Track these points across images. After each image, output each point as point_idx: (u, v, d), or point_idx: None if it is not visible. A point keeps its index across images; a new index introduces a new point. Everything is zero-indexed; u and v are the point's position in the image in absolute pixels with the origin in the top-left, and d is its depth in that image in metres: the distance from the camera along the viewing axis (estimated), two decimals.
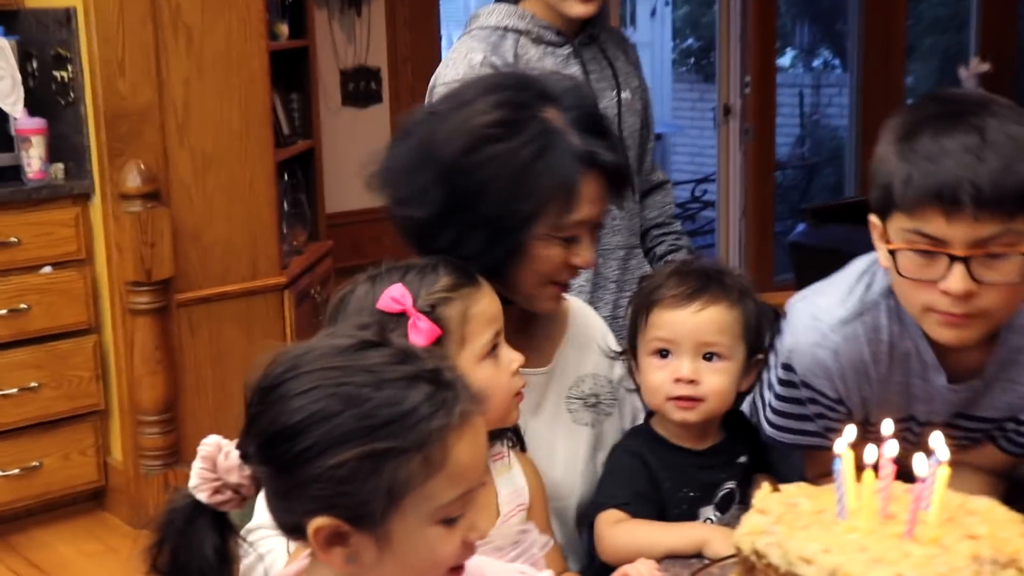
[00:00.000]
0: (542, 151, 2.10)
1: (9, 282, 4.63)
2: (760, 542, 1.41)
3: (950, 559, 1.35)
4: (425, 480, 1.40)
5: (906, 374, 2.04)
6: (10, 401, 4.65)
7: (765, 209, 7.77)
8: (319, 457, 1.39)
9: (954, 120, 1.82)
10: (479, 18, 3.00)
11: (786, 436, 2.14)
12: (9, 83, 4.69)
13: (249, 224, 4.98)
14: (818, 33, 9.71)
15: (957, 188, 1.76)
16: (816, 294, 2.11)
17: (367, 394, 1.40)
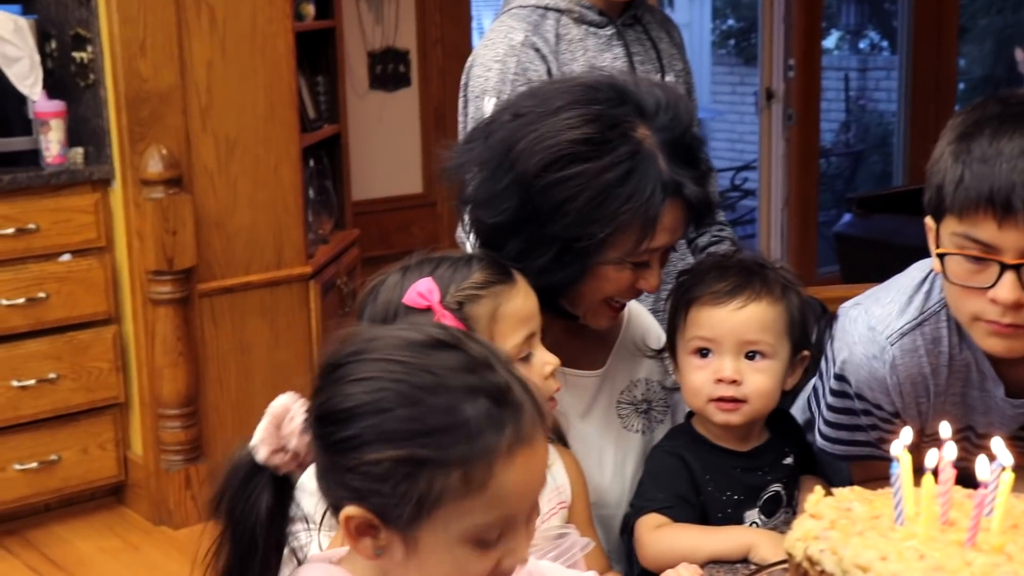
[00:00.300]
0: (627, 175, 2.08)
1: (27, 270, 4.65)
2: (813, 548, 1.40)
3: (1015, 568, 1.35)
4: (462, 498, 1.38)
5: (965, 385, 2.04)
6: (28, 393, 4.68)
7: (809, 198, 7.75)
8: (360, 448, 1.39)
9: (1014, 122, 1.83)
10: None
11: (838, 448, 2.14)
12: (27, 64, 4.71)
13: (274, 211, 5.00)
14: (865, 13, 9.67)
15: (1010, 193, 1.77)
16: (873, 302, 2.10)
17: (421, 396, 1.39)
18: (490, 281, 1.99)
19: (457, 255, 2.05)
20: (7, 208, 4.59)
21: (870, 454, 2.10)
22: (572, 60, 2.91)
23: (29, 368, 4.68)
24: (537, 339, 2.02)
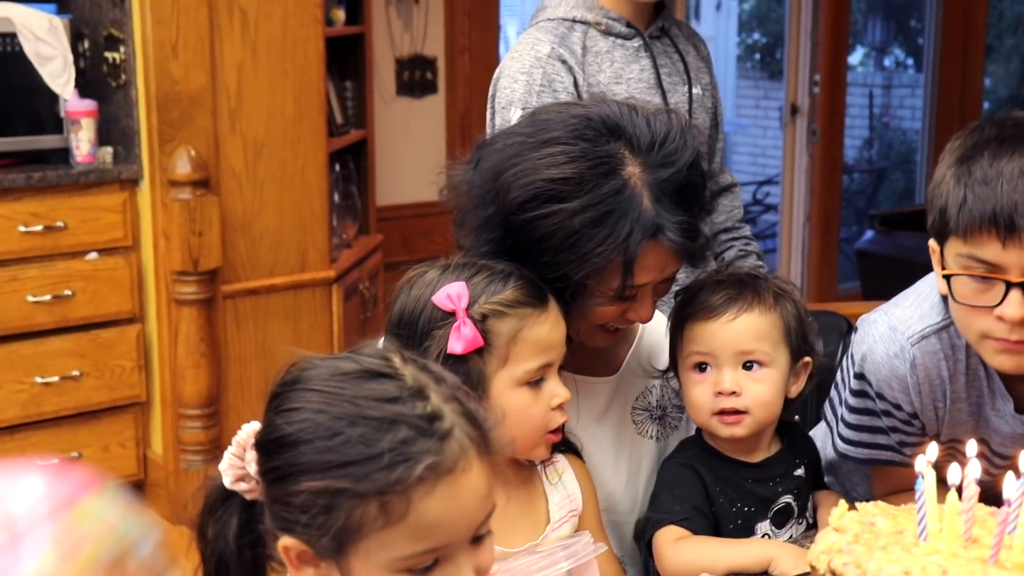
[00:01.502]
0: (605, 217, 2.04)
1: (54, 267, 4.67)
2: (836, 561, 1.41)
3: None
4: (382, 529, 1.36)
5: (979, 396, 2.05)
6: (51, 389, 4.69)
7: (831, 214, 7.74)
8: (285, 479, 1.40)
9: (1014, 144, 1.85)
10: (547, 9, 3.00)
11: (860, 451, 2.14)
12: (60, 63, 4.73)
13: (299, 215, 5.01)
14: (891, 30, 9.66)
15: (1013, 212, 1.79)
16: (893, 306, 2.11)
17: (339, 428, 1.38)
18: (520, 302, 1.97)
19: (500, 267, 2.02)
20: (36, 205, 4.61)
21: (891, 459, 2.11)
22: (599, 72, 2.92)
23: (53, 365, 4.70)
24: (554, 370, 2.00)
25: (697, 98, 3.04)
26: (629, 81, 2.92)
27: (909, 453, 2.07)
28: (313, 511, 1.38)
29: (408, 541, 1.37)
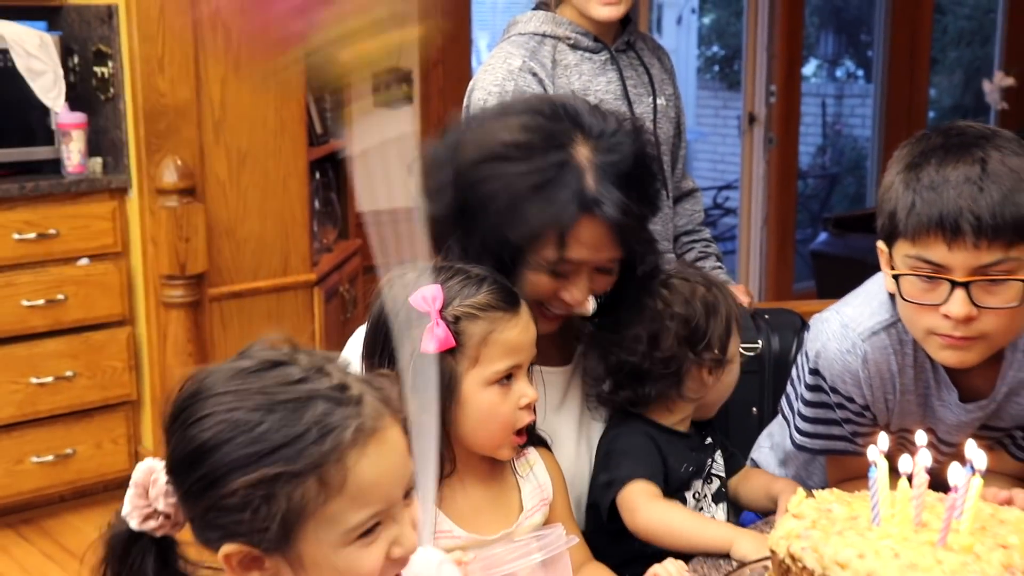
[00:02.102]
0: (547, 184, 2.06)
1: (47, 273, 4.65)
2: (795, 546, 1.42)
3: (982, 567, 1.36)
4: (325, 502, 1.35)
5: (926, 387, 2.06)
6: (45, 389, 4.68)
7: (787, 217, 7.76)
8: (214, 485, 1.35)
9: (958, 152, 1.87)
10: (518, 24, 3.01)
11: (816, 442, 2.15)
12: (51, 78, 4.71)
13: (281, 221, 5.00)
14: (842, 43, 9.69)
15: (958, 217, 1.81)
16: (845, 304, 2.13)
17: (257, 419, 1.35)
18: (492, 306, 1.97)
19: (476, 271, 2.02)
20: (29, 214, 4.59)
21: (844, 448, 2.12)
22: (568, 84, 2.92)
23: (47, 366, 4.68)
24: (523, 371, 2.00)
25: (661, 108, 3.05)
26: (597, 92, 2.93)
27: (861, 443, 2.09)
28: (253, 505, 1.34)
29: (351, 509, 1.36)
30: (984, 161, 1.84)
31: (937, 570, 1.35)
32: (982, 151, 1.86)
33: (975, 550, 1.39)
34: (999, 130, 1.94)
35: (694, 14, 8.43)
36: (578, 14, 2.95)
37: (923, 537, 1.42)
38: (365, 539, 1.38)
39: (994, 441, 2.13)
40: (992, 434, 2.11)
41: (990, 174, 1.83)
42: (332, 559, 1.37)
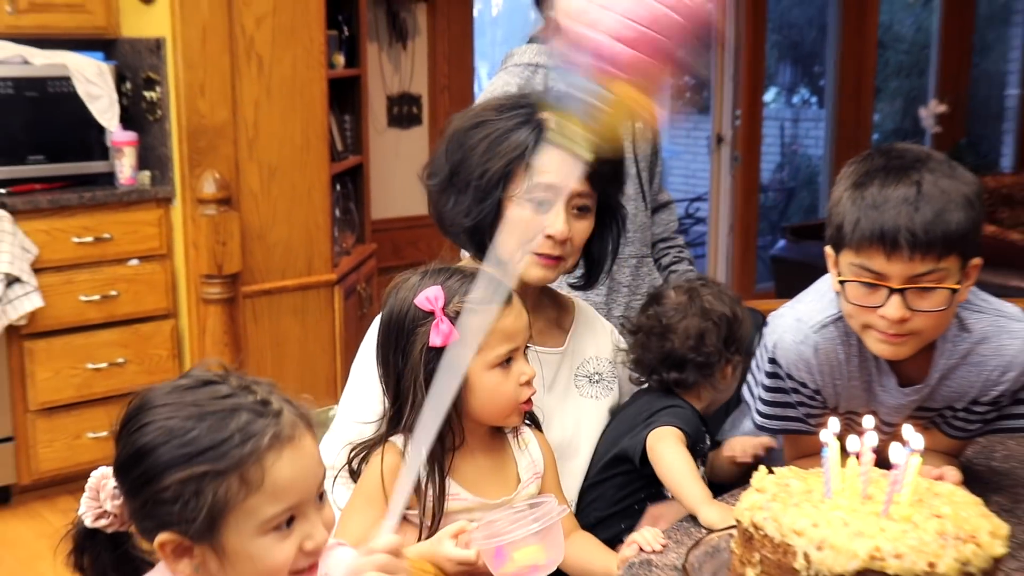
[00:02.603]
0: (517, 127, 2.16)
1: (102, 272, 4.66)
2: (758, 516, 1.42)
3: (920, 535, 1.36)
4: (245, 497, 1.39)
5: (869, 374, 2.07)
6: (100, 374, 4.69)
7: (750, 226, 7.77)
8: (151, 482, 1.40)
9: (897, 174, 1.87)
10: (514, 56, 3.01)
11: (774, 423, 2.15)
12: (107, 101, 4.72)
13: (306, 227, 5.00)
14: (798, 74, 9.69)
15: (896, 233, 1.82)
16: (798, 302, 2.13)
17: (190, 426, 1.40)
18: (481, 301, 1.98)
19: (469, 270, 2.02)
20: (87, 220, 4.60)
21: (799, 428, 2.13)
22: None
23: (102, 353, 4.70)
24: (520, 352, 2.01)
25: (640, 130, 3.05)
26: None
27: (814, 423, 2.09)
28: (183, 498, 1.38)
29: (268, 504, 1.40)
30: (919, 183, 1.85)
31: (881, 537, 1.35)
32: (918, 174, 1.87)
33: (913, 519, 1.40)
34: (933, 153, 1.94)
35: None
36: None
37: (869, 508, 1.43)
38: (280, 532, 1.42)
39: (928, 421, 2.13)
40: (927, 414, 2.12)
41: (924, 195, 1.84)
42: (250, 548, 1.41)
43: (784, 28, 9.22)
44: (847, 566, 1.33)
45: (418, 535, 1.97)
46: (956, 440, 2.16)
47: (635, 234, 2.96)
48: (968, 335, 2.02)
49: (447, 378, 1.57)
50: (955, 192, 1.86)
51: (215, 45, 4.67)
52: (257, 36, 4.75)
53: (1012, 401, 2.08)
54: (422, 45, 6.16)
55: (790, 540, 1.37)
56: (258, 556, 1.41)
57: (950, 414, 2.12)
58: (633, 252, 2.94)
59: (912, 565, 1.32)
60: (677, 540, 1.92)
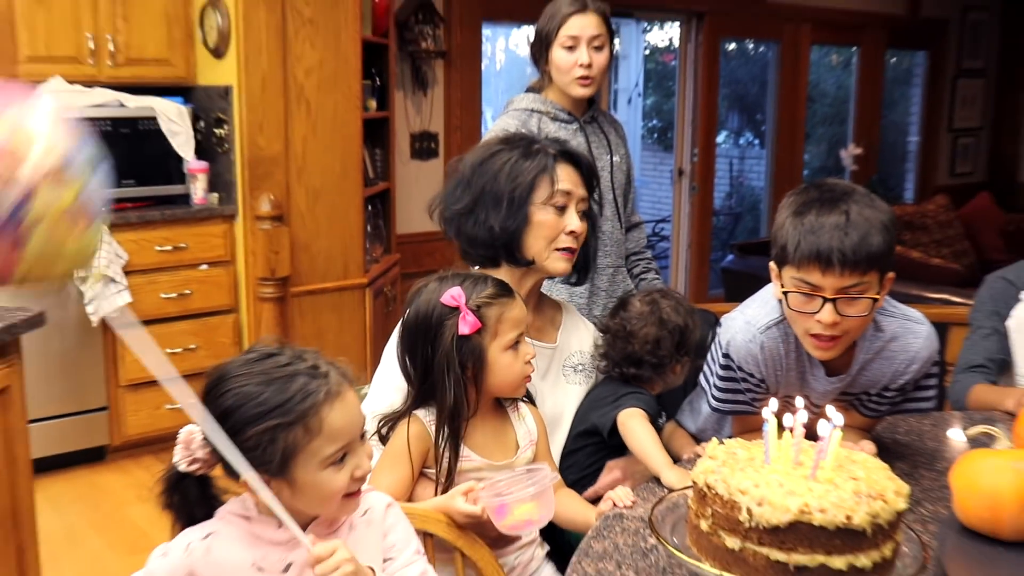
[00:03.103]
0: (529, 155, 2.21)
1: (179, 275, 4.69)
2: (710, 478, 1.42)
3: (839, 493, 1.37)
4: (309, 442, 1.47)
5: (803, 367, 2.07)
6: (176, 357, 4.70)
7: (704, 243, 7.77)
8: (236, 436, 1.45)
9: (829, 204, 1.88)
10: (513, 103, 3.01)
11: (726, 405, 2.16)
12: (185, 137, 4.75)
13: (343, 240, 5.01)
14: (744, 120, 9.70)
15: (830, 254, 1.84)
16: (746, 306, 2.13)
17: (261, 390, 1.47)
18: (498, 295, 2.01)
19: (476, 274, 2.07)
20: (167, 232, 4.62)
21: (745, 410, 2.13)
22: None
23: (177, 341, 4.71)
24: (524, 336, 2.04)
25: (616, 164, 3.05)
26: None
27: (758, 405, 2.09)
28: (262, 446, 1.46)
29: (326, 445, 1.48)
30: (847, 213, 1.86)
31: (809, 495, 1.35)
32: (846, 204, 1.87)
33: (835, 481, 1.40)
34: (857, 187, 1.95)
35: (639, 97, 8.42)
36: (559, 94, 2.95)
37: (800, 472, 1.43)
38: (336, 466, 1.50)
39: (848, 403, 2.14)
40: (847, 398, 2.13)
41: (852, 223, 1.85)
42: (315, 480, 1.49)
43: (733, 84, 9.23)
44: (781, 518, 1.33)
45: (434, 490, 1.98)
46: (870, 418, 2.17)
47: (612, 248, 2.97)
48: (882, 335, 2.03)
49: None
50: (875, 220, 1.87)
51: (272, 92, 4.68)
52: (306, 84, 4.76)
53: (915, 387, 2.09)
54: (439, 93, 6.16)
55: (736, 498, 1.37)
56: (321, 485, 1.49)
57: (865, 398, 2.13)
58: (610, 263, 2.95)
59: (833, 518, 1.33)
60: (644, 498, 1.93)
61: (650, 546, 1.72)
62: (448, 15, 6.06)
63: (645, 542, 1.74)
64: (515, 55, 8.85)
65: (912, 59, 9.58)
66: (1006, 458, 1.62)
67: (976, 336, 2.70)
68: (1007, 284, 2.70)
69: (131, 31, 4.67)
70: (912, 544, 1.46)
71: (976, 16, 9.63)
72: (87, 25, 4.56)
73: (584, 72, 2.88)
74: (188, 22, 4.83)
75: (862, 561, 1.34)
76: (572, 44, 2.89)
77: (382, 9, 5.32)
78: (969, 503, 1.61)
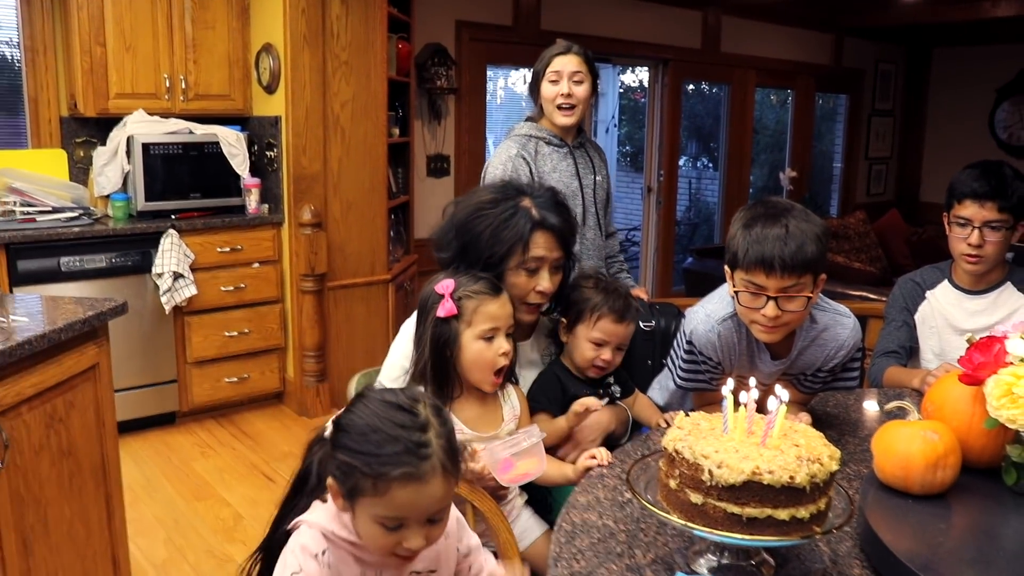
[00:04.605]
0: (511, 217, 2.09)
1: (235, 271, 4.66)
2: (678, 444, 1.42)
3: (785, 458, 1.37)
4: (371, 496, 1.34)
5: (752, 352, 2.07)
6: (233, 340, 4.69)
7: (668, 248, 7.77)
8: (336, 448, 1.37)
9: (772, 219, 1.88)
10: (514, 130, 3.01)
11: (688, 384, 2.16)
12: (241, 158, 4.73)
13: (371, 243, 4.99)
14: (701, 147, 9.69)
15: (772, 260, 1.84)
16: (707, 302, 2.13)
17: (367, 432, 1.35)
18: (480, 291, 1.97)
19: (478, 274, 2.03)
20: (227, 237, 4.60)
21: (706, 387, 2.13)
22: (543, 165, 2.92)
23: (234, 326, 4.69)
24: (501, 332, 1.97)
25: (599, 183, 3.06)
26: (560, 171, 2.93)
27: (716, 384, 2.09)
28: (342, 471, 1.36)
29: (384, 508, 1.34)
30: (787, 226, 1.86)
31: (760, 459, 1.36)
32: (785, 219, 1.87)
33: (781, 447, 1.41)
34: (795, 204, 1.95)
35: (615, 127, 8.40)
36: (552, 123, 2.95)
37: (752, 440, 1.43)
38: (386, 528, 1.36)
39: (788, 381, 2.14)
40: (788, 377, 2.13)
41: (790, 234, 1.85)
42: (367, 524, 1.37)
43: (692, 117, 9.21)
44: (737, 478, 1.33)
45: None
46: (806, 394, 2.18)
47: (594, 252, 2.97)
48: (816, 326, 2.03)
49: None
50: (810, 231, 1.87)
51: (313, 121, 4.66)
52: (342, 115, 4.75)
53: (843, 369, 2.10)
54: (451, 122, 6.15)
55: (700, 461, 1.37)
56: (370, 531, 1.37)
57: (803, 377, 2.13)
58: (592, 265, 2.95)
59: (779, 477, 1.33)
60: (621, 459, 1.92)
61: (626, 500, 1.72)
62: (459, 59, 6.05)
63: (622, 496, 1.74)
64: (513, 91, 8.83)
65: (836, 100, 9.61)
66: (916, 427, 1.62)
67: (890, 327, 2.71)
68: (915, 285, 2.71)
69: (199, 72, 4.67)
70: (841, 498, 1.47)
71: (886, 67, 9.79)
72: (164, 68, 4.56)
73: (564, 101, 2.88)
74: (246, 64, 4.81)
75: (802, 513, 1.34)
76: (556, 79, 2.89)
77: (405, 54, 5.31)
78: (886, 464, 1.61)
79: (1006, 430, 1.62)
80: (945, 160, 9.80)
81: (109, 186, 4.53)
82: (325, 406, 4.83)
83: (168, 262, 4.34)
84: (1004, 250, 2.50)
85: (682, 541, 1.54)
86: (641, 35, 7.11)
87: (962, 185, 2.47)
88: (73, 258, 4.20)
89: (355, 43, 4.73)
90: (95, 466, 2.53)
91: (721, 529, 1.35)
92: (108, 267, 4.29)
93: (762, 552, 1.46)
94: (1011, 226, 2.45)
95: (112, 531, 2.61)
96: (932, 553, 1.38)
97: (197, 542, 3.47)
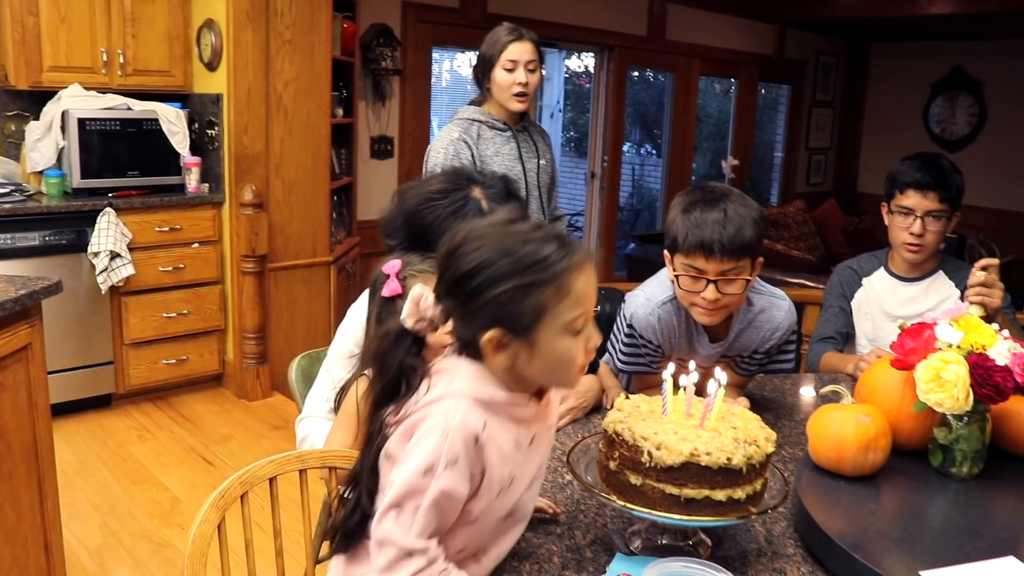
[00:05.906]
0: (460, 208, 2.05)
1: (174, 252, 4.58)
2: (618, 427, 1.43)
3: (722, 440, 1.39)
4: (558, 303, 1.25)
5: (691, 335, 2.09)
6: (171, 321, 4.61)
7: (611, 234, 7.82)
8: (487, 290, 1.25)
9: (711, 203, 1.89)
10: (459, 113, 3.00)
11: (630, 367, 2.17)
12: (181, 136, 4.64)
13: (313, 225, 4.94)
14: (644, 134, 9.75)
15: (711, 244, 1.85)
16: (646, 285, 2.14)
17: (517, 247, 1.25)
18: (425, 271, 1.90)
19: (427, 255, 1.94)
20: (165, 216, 4.51)
21: (646, 370, 2.14)
22: (486, 149, 2.93)
23: (173, 307, 4.62)
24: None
25: (543, 167, 3.07)
26: (503, 155, 2.93)
27: (656, 367, 2.11)
28: (515, 301, 1.24)
29: (571, 309, 1.26)
30: (725, 211, 1.87)
31: (698, 441, 1.37)
32: (724, 204, 1.88)
33: (719, 429, 1.42)
34: (733, 189, 1.96)
35: (560, 112, 8.41)
36: (497, 107, 2.95)
37: (691, 423, 1.45)
38: (574, 333, 1.28)
39: (726, 364, 2.17)
40: (726, 359, 2.15)
41: (729, 218, 1.86)
42: (557, 343, 1.27)
43: (636, 104, 9.26)
44: (676, 460, 1.35)
45: None
46: (743, 376, 2.21)
47: None
48: (752, 308, 2.06)
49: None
50: (748, 216, 1.88)
51: (256, 100, 4.59)
52: (284, 94, 4.68)
53: (778, 351, 2.12)
54: (395, 104, 6.11)
55: (639, 443, 1.38)
56: (561, 349, 1.27)
57: (740, 360, 2.16)
58: None
59: (717, 459, 1.35)
60: (561, 442, 1.93)
61: (567, 482, 1.73)
62: (404, 40, 6.00)
63: (563, 478, 1.74)
64: (458, 74, 8.79)
65: (778, 91, 9.74)
66: (849, 411, 1.66)
67: (827, 313, 2.76)
68: (852, 272, 2.76)
69: (138, 47, 4.57)
70: (776, 479, 1.49)
71: (826, 59, 9.93)
72: (101, 41, 4.45)
73: (521, 89, 2.89)
74: (187, 40, 4.72)
75: (738, 494, 1.36)
76: (511, 67, 2.89)
77: (349, 34, 5.25)
78: (820, 446, 1.65)
79: (934, 413, 1.66)
80: (881, 152, 10.02)
81: (43, 162, 4.42)
82: (265, 388, 4.79)
83: (105, 241, 4.25)
84: (941, 239, 2.56)
85: (621, 522, 1.56)
86: (587, 20, 7.12)
87: (904, 175, 2.52)
88: (5, 236, 4.08)
89: (299, 21, 4.66)
90: (27, 449, 2.47)
91: (660, 510, 1.36)
92: (42, 245, 4.18)
93: (699, 532, 1.48)
94: (949, 216, 2.51)
95: (45, 516, 2.55)
96: (862, 532, 1.42)
97: (133, 526, 3.41)
